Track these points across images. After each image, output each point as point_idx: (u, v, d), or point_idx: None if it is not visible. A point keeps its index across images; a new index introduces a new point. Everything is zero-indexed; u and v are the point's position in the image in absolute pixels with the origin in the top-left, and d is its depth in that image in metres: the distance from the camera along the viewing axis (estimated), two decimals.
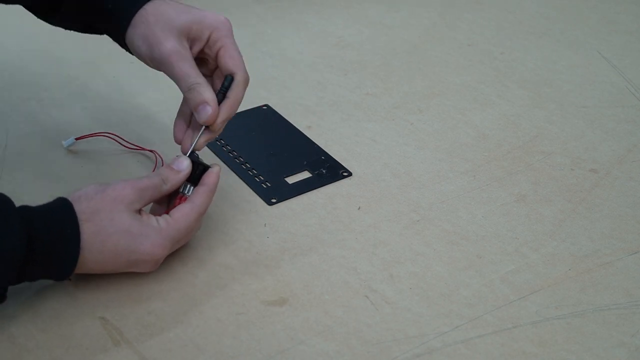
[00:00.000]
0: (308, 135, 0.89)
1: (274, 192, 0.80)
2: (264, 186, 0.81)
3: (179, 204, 0.69)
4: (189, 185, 0.70)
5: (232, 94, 0.72)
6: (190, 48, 0.72)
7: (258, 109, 0.94)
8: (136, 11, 0.72)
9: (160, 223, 0.67)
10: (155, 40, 0.70)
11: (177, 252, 0.72)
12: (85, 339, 0.64)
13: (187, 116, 0.74)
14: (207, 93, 0.70)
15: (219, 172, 0.71)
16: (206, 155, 0.85)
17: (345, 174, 0.83)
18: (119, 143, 0.85)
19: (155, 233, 0.66)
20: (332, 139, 0.89)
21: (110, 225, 0.64)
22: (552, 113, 0.94)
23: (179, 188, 0.70)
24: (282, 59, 1.05)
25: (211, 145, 0.87)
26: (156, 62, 0.71)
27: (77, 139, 0.85)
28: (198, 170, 0.71)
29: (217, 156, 0.85)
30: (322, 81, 1.00)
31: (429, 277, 0.71)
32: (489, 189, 0.82)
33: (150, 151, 0.84)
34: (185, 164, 0.70)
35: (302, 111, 0.94)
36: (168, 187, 0.69)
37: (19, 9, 0.81)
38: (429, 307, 0.68)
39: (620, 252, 0.74)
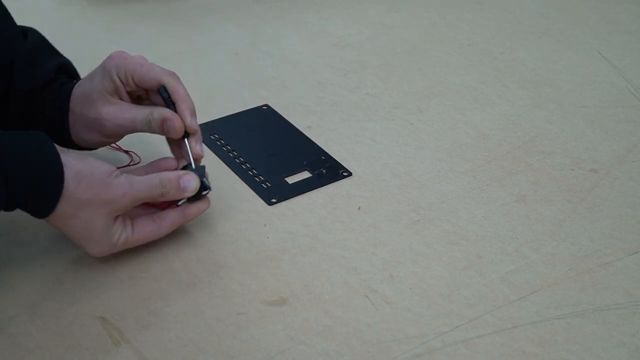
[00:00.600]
0: (308, 135, 0.89)
1: (274, 192, 0.80)
2: (264, 186, 0.81)
3: (165, 208, 0.70)
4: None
5: (175, 94, 0.72)
6: (121, 97, 0.74)
7: (258, 109, 0.94)
8: (67, 110, 0.75)
9: (120, 239, 0.68)
10: (93, 125, 0.74)
11: (177, 252, 0.72)
12: (85, 339, 0.64)
13: (173, 143, 0.76)
14: (162, 111, 0.72)
15: (204, 210, 0.73)
16: (206, 155, 0.85)
17: (345, 174, 0.83)
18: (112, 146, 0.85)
19: (108, 245, 0.68)
20: (332, 139, 0.89)
21: (83, 216, 0.65)
22: (552, 113, 0.94)
23: None
24: (282, 59, 1.05)
25: (211, 145, 0.87)
26: (110, 133, 0.74)
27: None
28: (199, 191, 0.71)
29: (217, 156, 0.85)
30: (322, 81, 1.00)
31: (429, 277, 0.71)
32: (489, 189, 0.82)
33: (127, 152, 0.85)
34: (192, 186, 0.70)
35: (302, 111, 0.94)
36: (164, 199, 0.70)
37: (18, 9, 0.81)
38: (429, 307, 0.68)
39: (620, 252, 0.74)
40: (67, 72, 0.79)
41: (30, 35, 0.78)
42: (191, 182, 0.70)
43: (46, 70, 0.76)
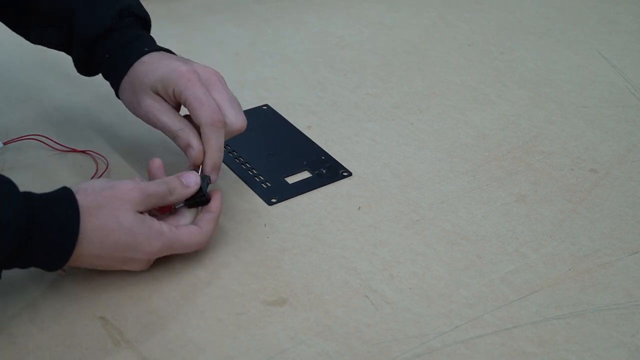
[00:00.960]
0: (308, 135, 0.89)
1: (274, 192, 0.80)
2: (264, 186, 0.81)
3: (163, 212, 0.70)
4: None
5: (205, 144, 0.73)
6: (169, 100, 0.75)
7: (258, 109, 0.94)
8: (122, 78, 0.77)
9: (163, 227, 0.67)
10: (135, 103, 0.76)
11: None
12: (85, 339, 0.64)
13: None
14: (189, 137, 0.73)
15: (221, 196, 0.73)
16: None
17: (345, 174, 0.83)
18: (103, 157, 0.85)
19: (156, 234, 0.66)
20: (332, 139, 0.89)
21: (114, 222, 0.64)
22: (552, 113, 0.94)
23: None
24: (282, 59, 1.05)
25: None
26: (144, 120, 0.76)
27: (4, 143, 0.85)
28: (199, 192, 0.71)
29: None
30: (322, 81, 1.00)
31: (429, 277, 0.71)
32: (489, 189, 0.82)
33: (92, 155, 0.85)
34: (193, 180, 0.71)
35: (302, 111, 0.94)
36: (173, 199, 0.70)
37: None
38: (429, 307, 0.68)
39: (620, 252, 0.74)
40: (130, 14, 0.79)
41: None
42: (191, 177, 0.71)
43: (107, 15, 0.77)
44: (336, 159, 0.85)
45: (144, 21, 0.82)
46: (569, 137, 0.90)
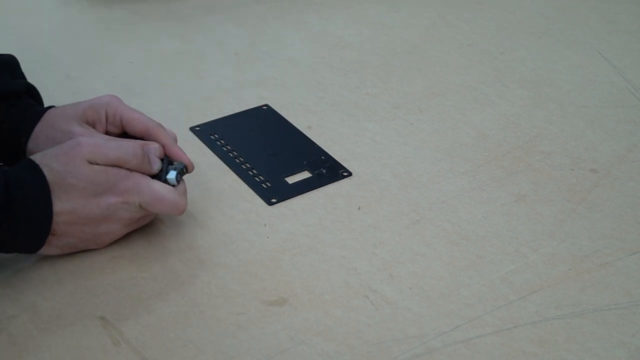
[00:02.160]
0: (308, 135, 0.89)
1: (274, 192, 0.80)
2: (264, 186, 0.81)
3: None
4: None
5: (158, 137, 0.74)
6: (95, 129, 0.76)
7: (258, 109, 0.94)
8: (33, 126, 0.76)
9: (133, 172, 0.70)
10: (61, 135, 0.74)
11: (177, 252, 0.72)
12: (85, 339, 0.64)
13: None
14: (133, 145, 0.71)
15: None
16: (206, 155, 0.85)
17: (345, 174, 0.83)
18: None
19: (124, 173, 0.69)
20: (332, 139, 0.89)
21: (70, 176, 0.67)
22: (552, 113, 0.94)
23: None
24: (282, 59, 1.05)
25: (211, 145, 0.87)
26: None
27: None
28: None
29: (217, 156, 0.85)
30: (322, 81, 1.00)
31: (429, 277, 0.71)
32: (489, 189, 0.82)
33: None
34: (156, 167, 0.72)
35: (302, 111, 0.94)
36: (133, 167, 0.70)
37: (18, 9, 0.81)
38: (429, 307, 0.68)
39: (620, 252, 0.74)
40: (34, 96, 0.81)
41: (2, 56, 0.81)
42: (156, 162, 0.72)
43: (15, 84, 0.78)
44: (336, 159, 0.85)
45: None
46: (569, 137, 0.90)
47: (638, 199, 0.81)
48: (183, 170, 0.74)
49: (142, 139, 0.74)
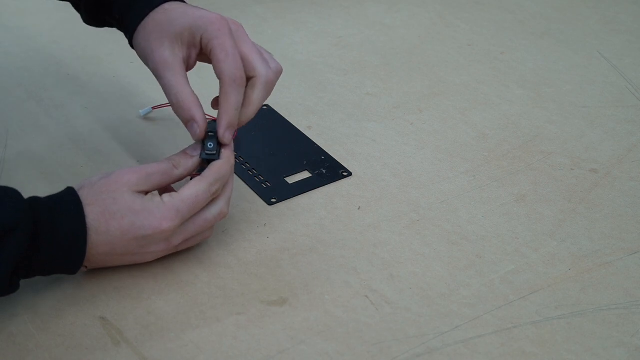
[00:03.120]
0: (308, 135, 0.89)
1: (274, 192, 0.80)
2: (264, 186, 0.81)
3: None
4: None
5: (221, 99, 0.69)
6: (189, 56, 0.71)
7: None
8: (139, 22, 0.72)
9: (164, 198, 0.66)
10: (149, 51, 0.70)
11: (177, 253, 0.72)
12: (85, 339, 0.64)
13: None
14: (193, 110, 0.69)
15: (232, 143, 0.70)
16: None
17: (345, 173, 0.83)
18: None
19: (157, 207, 0.65)
20: (332, 139, 0.88)
21: (113, 204, 0.64)
22: (552, 113, 0.94)
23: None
24: (282, 59, 1.05)
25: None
26: (151, 71, 0.72)
27: (154, 108, 0.89)
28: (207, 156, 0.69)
29: None
30: (322, 81, 1.00)
31: (429, 277, 0.71)
32: (489, 189, 0.82)
33: None
34: (198, 149, 0.70)
35: (302, 111, 0.94)
36: (180, 171, 0.69)
37: (18, 9, 0.81)
38: (429, 307, 0.68)
39: (620, 252, 0.74)
40: None
41: None
42: (197, 147, 0.69)
43: None
44: (336, 159, 0.85)
45: None
46: (569, 137, 0.90)
47: (638, 199, 0.81)
48: (217, 142, 0.69)
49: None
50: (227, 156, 0.70)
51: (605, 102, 0.97)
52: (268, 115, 0.93)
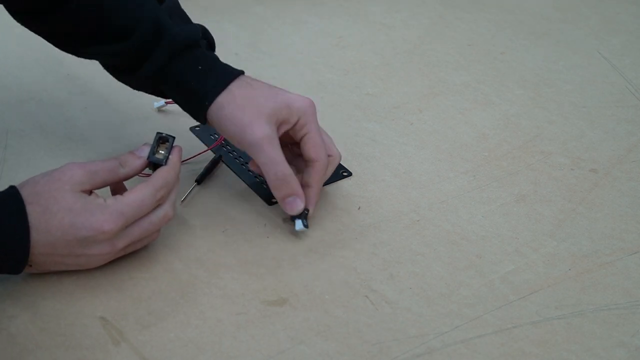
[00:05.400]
0: None
1: None
2: (264, 186, 0.81)
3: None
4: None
5: (313, 180, 0.74)
6: (278, 130, 0.73)
7: None
8: (221, 91, 0.73)
9: (107, 200, 0.66)
10: (247, 124, 0.71)
11: (177, 252, 0.72)
12: (85, 339, 0.64)
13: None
14: (295, 185, 0.72)
15: (180, 150, 0.70)
16: (206, 155, 0.85)
17: (345, 174, 0.83)
18: None
19: (99, 209, 0.65)
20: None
21: (54, 204, 0.64)
22: (552, 113, 0.94)
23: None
24: (282, 59, 1.05)
25: (211, 144, 0.87)
26: (245, 144, 0.72)
27: (167, 102, 0.91)
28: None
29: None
30: (322, 81, 1.00)
31: (429, 277, 0.71)
32: (489, 189, 0.82)
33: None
34: (147, 151, 0.70)
35: None
36: (126, 170, 0.69)
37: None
38: (429, 307, 0.68)
39: (620, 252, 0.74)
40: (207, 37, 0.78)
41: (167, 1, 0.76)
42: (145, 149, 0.70)
43: (195, 29, 0.75)
44: None
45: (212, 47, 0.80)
46: (569, 137, 0.90)
47: (638, 199, 0.81)
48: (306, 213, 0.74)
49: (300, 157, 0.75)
50: (174, 162, 0.70)
51: (605, 102, 0.97)
52: None
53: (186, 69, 0.73)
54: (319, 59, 1.05)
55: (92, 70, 0.99)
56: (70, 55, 0.81)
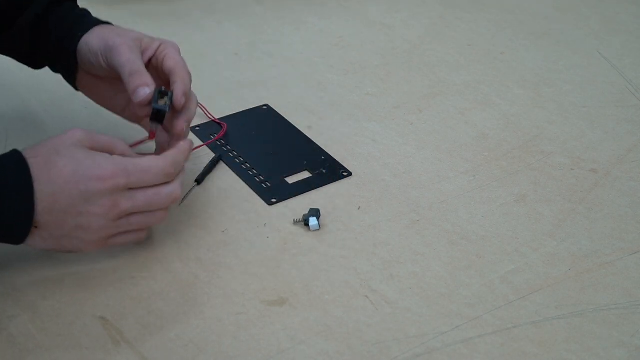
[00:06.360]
0: (308, 135, 0.89)
1: (274, 192, 0.80)
2: (264, 186, 0.81)
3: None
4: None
5: (178, 88, 0.74)
6: (142, 56, 0.76)
7: (258, 109, 0.94)
8: (87, 32, 0.77)
9: (114, 155, 0.66)
10: (111, 37, 0.75)
11: (177, 252, 0.72)
12: (85, 339, 0.64)
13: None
14: (147, 78, 0.73)
15: (191, 143, 0.72)
16: (206, 154, 0.85)
17: (345, 173, 0.83)
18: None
19: (104, 158, 0.65)
20: (332, 139, 0.89)
21: (56, 155, 0.64)
22: (552, 113, 0.94)
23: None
24: (282, 59, 1.05)
25: (211, 145, 0.87)
26: (107, 52, 0.74)
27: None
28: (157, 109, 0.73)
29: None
30: (322, 81, 1.00)
31: (429, 277, 0.71)
32: (489, 189, 0.82)
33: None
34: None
35: (302, 111, 0.94)
36: (129, 148, 0.69)
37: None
38: (429, 307, 0.68)
39: (620, 252, 0.74)
40: None
41: None
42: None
43: None
44: (336, 158, 0.85)
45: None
46: (569, 137, 0.90)
47: (638, 199, 0.81)
48: (170, 98, 0.74)
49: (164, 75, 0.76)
50: (184, 147, 0.71)
51: (605, 102, 0.97)
52: (268, 115, 0.93)
53: (59, 19, 0.79)
54: (319, 59, 1.05)
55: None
56: None
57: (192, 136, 0.89)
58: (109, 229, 0.66)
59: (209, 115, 0.91)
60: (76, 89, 0.82)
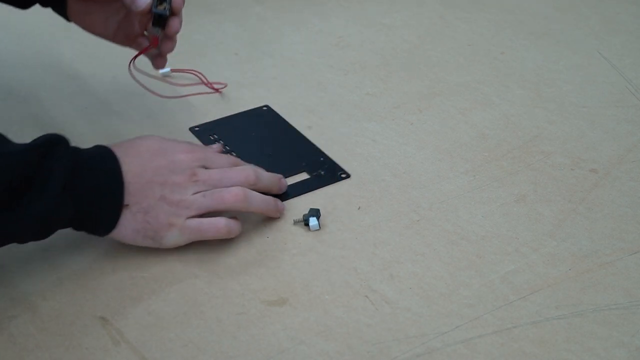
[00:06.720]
0: (308, 136, 0.89)
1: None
2: None
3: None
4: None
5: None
6: None
7: (258, 109, 0.94)
8: None
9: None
10: None
11: (177, 252, 0.72)
12: (85, 339, 0.64)
13: None
14: None
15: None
16: None
17: (343, 175, 0.83)
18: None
19: (185, 142, 0.74)
20: (332, 139, 0.89)
21: (139, 139, 0.72)
22: (552, 113, 0.94)
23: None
24: (282, 59, 1.05)
25: (210, 145, 0.87)
26: None
27: (172, 70, 0.97)
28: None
29: None
30: (322, 81, 1.00)
31: (429, 277, 0.71)
32: (489, 189, 0.82)
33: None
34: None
35: (302, 111, 0.94)
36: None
37: (18, 9, 0.81)
38: (429, 307, 0.68)
39: (620, 252, 0.74)
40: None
41: None
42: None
43: None
44: (336, 158, 0.85)
45: None
46: (569, 137, 0.90)
47: (638, 199, 0.81)
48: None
49: None
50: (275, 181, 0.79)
51: (605, 102, 0.97)
52: (267, 116, 0.93)
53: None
54: (319, 59, 1.05)
55: (92, 70, 0.99)
56: (70, 55, 0.81)
57: (192, 136, 0.89)
58: (187, 202, 0.71)
59: (206, 83, 0.96)
60: (67, 19, 0.85)
